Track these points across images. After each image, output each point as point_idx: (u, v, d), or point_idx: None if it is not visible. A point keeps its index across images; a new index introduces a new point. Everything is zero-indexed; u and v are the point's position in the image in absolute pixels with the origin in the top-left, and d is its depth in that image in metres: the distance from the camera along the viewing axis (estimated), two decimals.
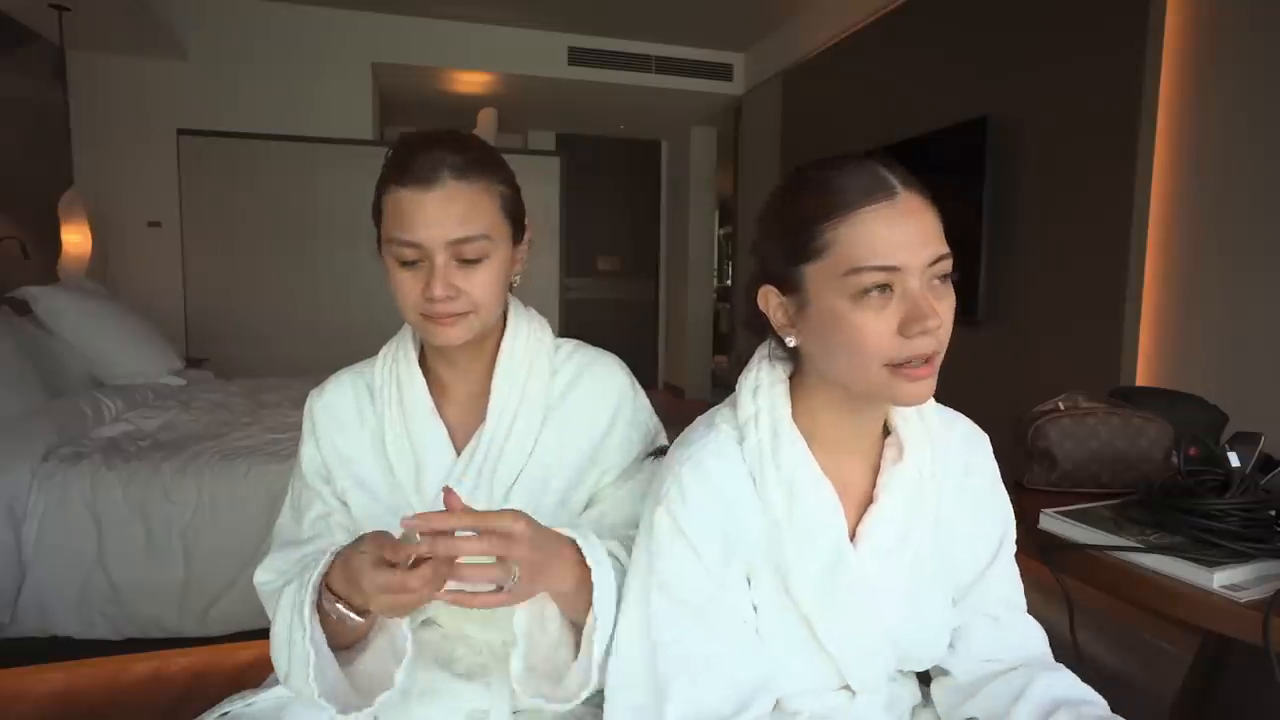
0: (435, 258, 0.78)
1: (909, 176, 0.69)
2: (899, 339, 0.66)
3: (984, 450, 0.83)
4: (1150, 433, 1.25)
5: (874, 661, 0.75)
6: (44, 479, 1.94)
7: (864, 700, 0.77)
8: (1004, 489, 0.84)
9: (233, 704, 0.84)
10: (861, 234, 0.65)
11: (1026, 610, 0.83)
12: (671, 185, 6.87)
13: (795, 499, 0.72)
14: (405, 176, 0.78)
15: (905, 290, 0.66)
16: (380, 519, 0.85)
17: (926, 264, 0.66)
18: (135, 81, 4.13)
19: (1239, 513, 0.95)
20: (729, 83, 5.18)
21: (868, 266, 0.65)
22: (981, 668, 0.80)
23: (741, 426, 0.76)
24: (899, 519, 0.75)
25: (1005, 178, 2.87)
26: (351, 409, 0.92)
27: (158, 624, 1.96)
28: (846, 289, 0.66)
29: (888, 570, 0.74)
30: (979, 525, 0.81)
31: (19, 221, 3.37)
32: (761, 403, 0.75)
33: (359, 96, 4.58)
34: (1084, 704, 0.73)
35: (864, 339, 0.66)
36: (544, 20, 4.63)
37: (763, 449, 0.73)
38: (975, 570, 0.81)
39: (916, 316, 0.65)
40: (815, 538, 0.72)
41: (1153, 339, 2.40)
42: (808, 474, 0.72)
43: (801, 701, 0.76)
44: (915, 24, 3.44)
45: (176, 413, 2.58)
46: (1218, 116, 2.21)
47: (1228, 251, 2.18)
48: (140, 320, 3.14)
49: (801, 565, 0.71)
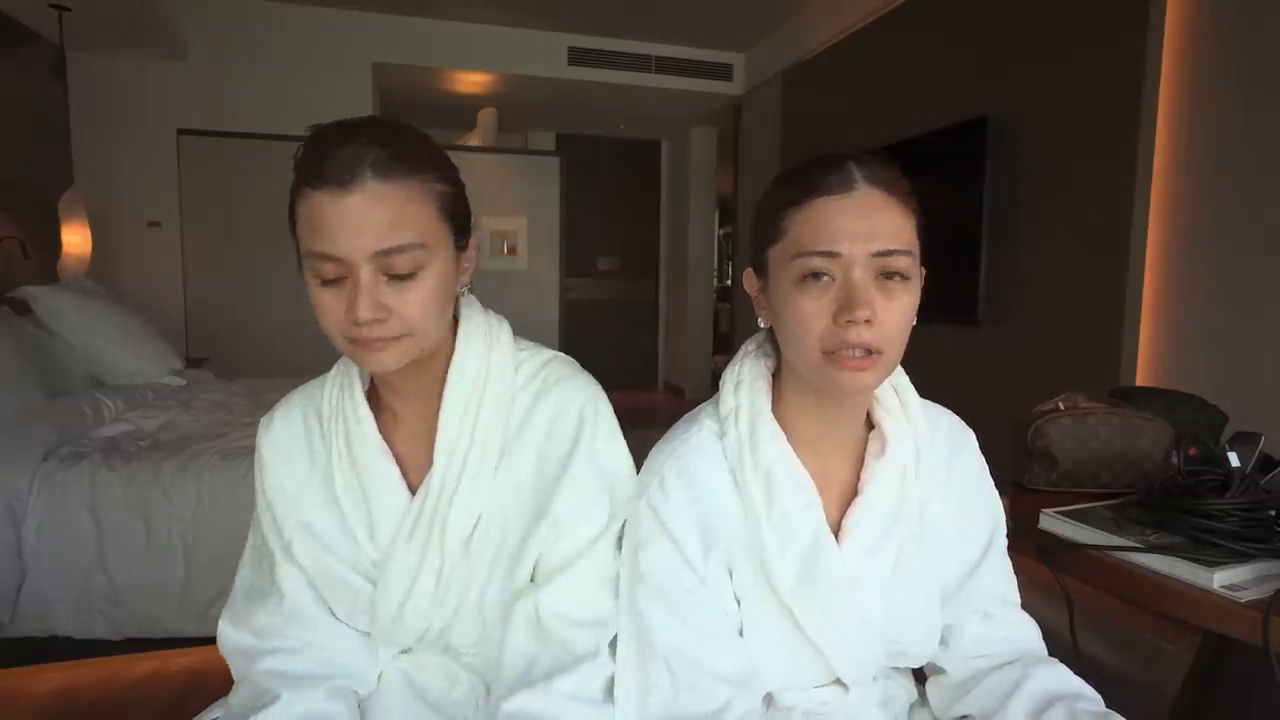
0: (359, 273, 0.66)
1: (884, 176, 0.69)
2: (833, 326, 0.67)
3: (970, 446, 0.83)
4: (1150, 433, 1.25)
5: (861, 655, 0.75)
6: (44, 479, 1.94)
7: (857, 695, 0.78)
8: (992, 485, 0.84)
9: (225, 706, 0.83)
10: (811, 220, 0.68)
11: (1021, 606, 0.83)
12: (671, 185, 6.87)
13: (773, 490, 0.73)
14: (318, 178, 0.65)
15: (846, 279, 0.67)
16: (331, 571, 0.79)
17: (870, 255, 0.66)
18: (135, 81, 4.13)
19: (1239, 513, 0.95)
20: (729, 83, 5.19)
21: (809, 250, 0.67)
22: (975, 664, 0.80)
23: (723, 421, 0.77)
24: (883, 512, 0.75)
25: (1005, 178, 2.87)
26: (302, 444, 0.81)
27: (158, 624, 1.96)
28: (793, 272, 0.69)
29: (873, 564, 0.74)
30: (966, 521, 0.81)
31: (19, 221, 3.37)
32: (742, 398, 0.77)
33: (359, 96, 4.58)
34: (1078, 698, 0.73)
35: (801, 322, 0.68)
36: (544, 20, 4.63)
37: (742, 442, 0.74)
38: (965, 566, 0.81)
39: (847, 305, 0.66)
40: (793, 528, 0.72)
41: (1153, 339, 2.40)
42: (785, 465, 0.73)
43: (795, 697, 0.77)
44: (915, 24, 3.44)
45: (176, 413, 2.58)
46: (1218, 116, 2.21)
47: (1228, 251, 2.18)
48: (140, 320, 3.14)
49: (781, 556, 0.72)
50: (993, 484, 0.84)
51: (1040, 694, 0.73)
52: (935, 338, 3.29)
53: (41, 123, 3.79)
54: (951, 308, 3.10)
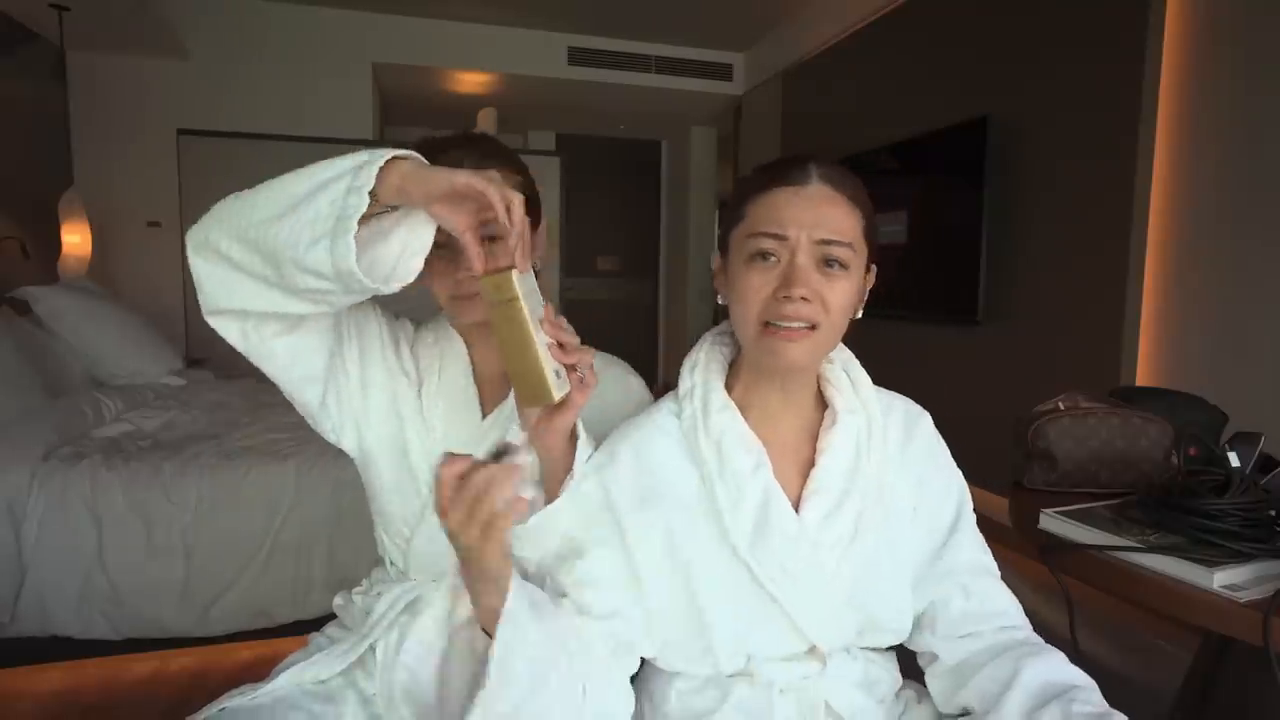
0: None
1: (838, 177, 0.78)
2: (773, 300, 0.75)
3: (924, 424, 0.88)
4: (1150, 433, 1.25)
5: (827, 616, 0.78)
6: (44, 479, 1.94)
7: (835, 672, 0.80)
8: (953, 462, 0.89)
9: (232, 699, 0.85)
10: (767, 206, 0.77)
11: (999, 578, 0.86)
12: (671, 185, 6.87)
13: (724, 453, 0.79)
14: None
15: (790, 260, 0.75)
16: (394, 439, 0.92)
17: (814, 241, 0.75)
18: (135, 81, 4.13)
19: (1239, 513, 0.95)
20: (729, 83, 5.19)
21: (761, 231, 0.76)
22: (964, 645, 0.81)
23: (680, 400, 0.85)
24: (839, 475, 0.81)
25: (1005, 178, 2.87)
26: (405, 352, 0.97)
27: (158, 624, 1.95)
28: (746, 250, 0.77)
29: (833, 528, 0.79)
30: (929, 495, 0.85)
31: (19, 221, 3.37)
32: (697, 378, 0.85)
33: (359, 96, 4.58)
34: (1073, 691, 0.73)
35: (747, 294, 0.76)
36: (544, 20, 4.64)
37: (696, 417, 0.82)
38: (935, 538, 0.84)
39: (788, 282, 0.74)
40: (744, 487, 0.78)
41: (1153, 339, 2.40)
42: (734, 431, 0.80)
43: (774, 670, 0.79)
44: (915, 24, 3.44)
45: (176, 413, 2.58)
46: (1217, 116, 2.21)
47: (1228, 251, 2.18)
48: (140, 320, 3.14)
49: (734, 514, 0.78)
50: (953, 460, 0.89)
51: (1036, 687, 0.73)
52: (935, 338, 3.29)
53: (41, 123, 3.80)
54: (951, 308, 3.10)
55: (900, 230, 3.41)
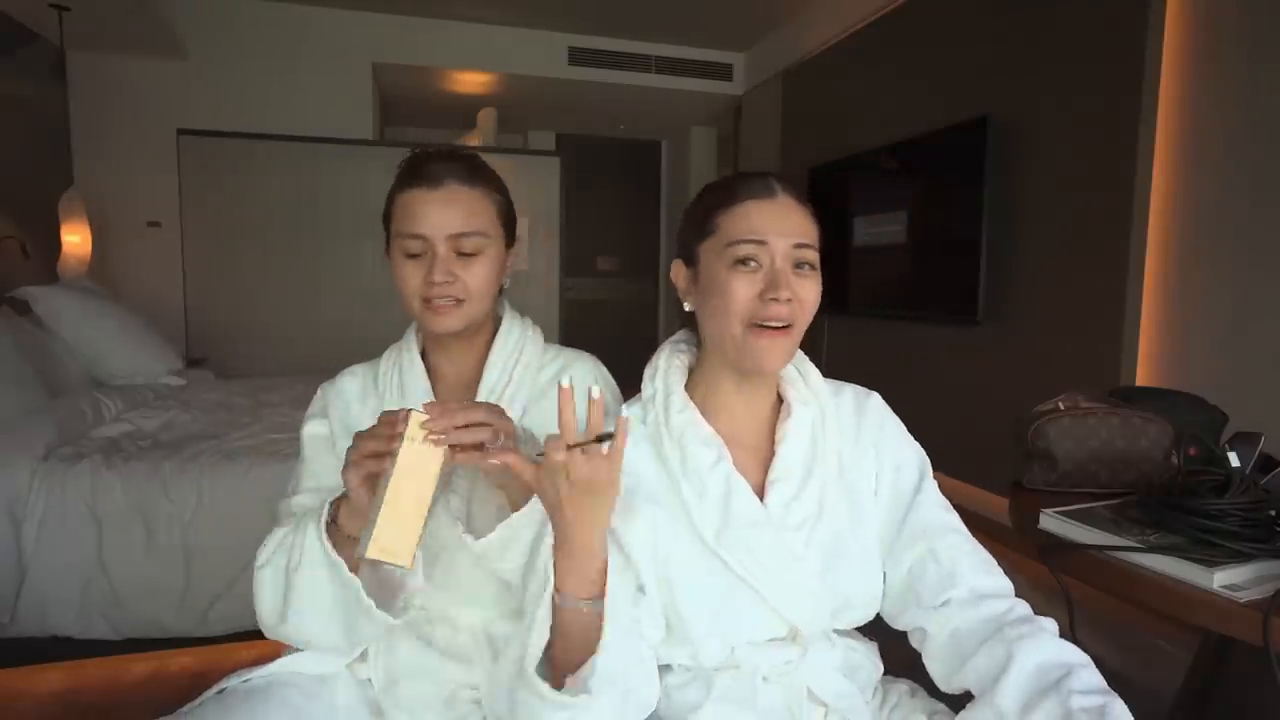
0: (437, 249, 0.89)
1: (795, 189, 0.86)
2: (758, 301, 0.81)
3: (874, 401, 0.94)
4: (1150, 433, 1.25)
5: (802, 597, 0.81)
6: (44, 479, 1.94)
7: (816, 656, 0.83)
8: (907, 433, 0.94)
9: (229, 681, 0.88)
10: (741, 217, 0.83)
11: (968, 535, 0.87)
12: (671, 185, 6.87)
13: (685, 451, 0.84)
14: (415, 180, 0.91)
15: (770, 265, 0.82)
16: None
17: (790, 246, 0.82)
18: (135, 81, 4.13)
19: (1239, 513, 0.95)
20: (729, 83, 5.19)
21: (741, 239, 0.82)
22: (945, 616, 0.82)
23: (644, 405, 0.90)
24: (799, 462, 0.86)
25: (1005, 178, 2.87)
26: (358, 392, 1.02)
27: (158, 624, 1.96)
28: (726, 258, 0.83)
29: (798, 509, 0.83)
30: (888, 465, 0.90)
31: (19, 221, 3.37)
32: (658, 383, 0.90)
33: (359, 96, 4.58)
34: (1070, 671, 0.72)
35: (732, 298, 0.81)
36: (544, 20, 4.64)
37: (659, 419, 0.87)
38: (900, 501, 0.88)
39: (773, 285, 0.81)
40: (706, 480, 0.82)
41: (1153, 339, 2.40)
42: (694, 429, 0.85)
43: (756, 656, 0.82)
44: (915, 24, 3.44)
45: (176, 413, 2.58)
46: (1218, 116, 2.21)
47: (1228, 251, 2.18)
48: (140, 320, 3.14)
49: (700, 506, 0.82)
50: (907, 432, 0.94)
51: (1031, 669, 0.73)
52: (935, 338, 3.29)
53: (41, 123, 3.80)
54: (951, 308, 3.10)
55: (900, 230, 3.41)
